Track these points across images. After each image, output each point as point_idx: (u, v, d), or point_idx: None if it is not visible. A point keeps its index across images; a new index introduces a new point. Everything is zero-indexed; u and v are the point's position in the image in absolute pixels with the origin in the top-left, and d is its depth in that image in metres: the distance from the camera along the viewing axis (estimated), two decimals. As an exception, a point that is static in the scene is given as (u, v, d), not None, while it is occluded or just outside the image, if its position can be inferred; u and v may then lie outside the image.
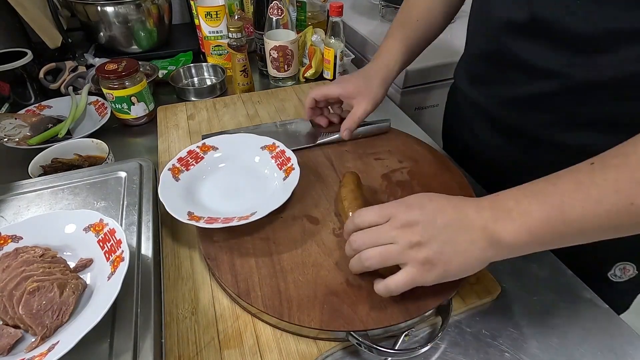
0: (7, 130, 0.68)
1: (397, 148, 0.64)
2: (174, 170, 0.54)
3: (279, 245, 0.48)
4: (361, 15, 1.23)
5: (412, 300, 0.41)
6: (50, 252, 0.42)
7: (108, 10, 0.87)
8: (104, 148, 0.62)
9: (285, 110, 0.78)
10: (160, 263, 0.48)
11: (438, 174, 0.58)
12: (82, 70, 0.85)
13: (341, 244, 0.48)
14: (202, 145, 0.58)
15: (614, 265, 0.57)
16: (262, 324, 0.43)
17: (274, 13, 0.81)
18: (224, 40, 0.88)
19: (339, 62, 0.88)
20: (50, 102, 0.76)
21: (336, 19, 0.82)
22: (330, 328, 0.40)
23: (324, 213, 0.52)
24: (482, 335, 0.43)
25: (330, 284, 0.43)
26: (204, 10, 0.84)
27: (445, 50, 1.01)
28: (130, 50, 0.95)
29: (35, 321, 0.36)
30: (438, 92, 1.03)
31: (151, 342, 0.37)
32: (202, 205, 0.52)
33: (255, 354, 0.40)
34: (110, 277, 0.39)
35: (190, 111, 0.77)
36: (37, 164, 0.60)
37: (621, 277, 0.58)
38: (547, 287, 0.48)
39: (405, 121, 0.79)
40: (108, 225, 0.43)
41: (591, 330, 0.44)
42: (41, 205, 0.50)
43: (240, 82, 0.85)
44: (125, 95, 0.72)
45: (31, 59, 0.79)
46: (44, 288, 0.37)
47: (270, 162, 0.58)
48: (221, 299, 0.45)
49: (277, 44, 0.83)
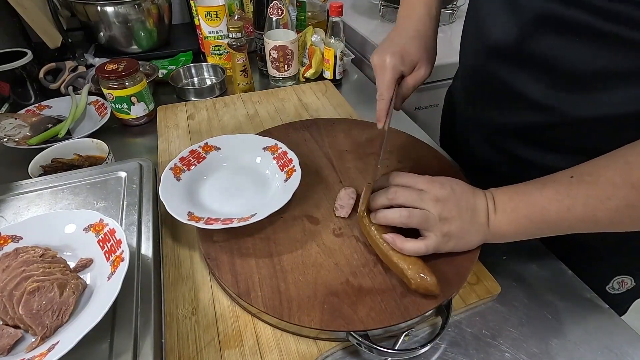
0: (7, 130, 0.67)
1: (397, 148, 0.64)
2: (175, 169, 0.54)
3: (279, 245, 0.48)
4: (361, 15, 1.23)
5: (412, 300, 0.41)
6: (50, 252, 0.41)
7: (108, 10, 0.87)
8: (104, 148, 0.62)
9: (285, 110, 0.78)
10: (160, 263, 0.48)
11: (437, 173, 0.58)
12: (82, 70, 0.85)
13: (341, 244, 0.48)
14: (204, 145, 0.58)
15: (612, 279, 0.58)
16: (262, 324, 0.43)
17: (274, 13, 0.81)
18: (224, 40, 0.88)
19: (339, 62, 0.88)
20: (50, 102, 0.76)
21: (336, 19, 0.82)
22: (331, 328, 0.39)
23: (325, 213, 0.52)
24: (482, 335, 0.43)
25: (331, 284, 0.43)
26: (204, 10, 0.84)
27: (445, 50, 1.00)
28: (130, 50, 0.95)
29: (35, 321, 0.36)
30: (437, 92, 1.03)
31: (151, 342, 0.37)
32: (203, 206, 0.52)
33: (255, 354, 0.40)
34: (110, 277, 0.39)
35: (190, 111, 0.77)
36: (37, 164, 0.60)
37: (619, 289, 0.59)
38: (547, 287, 0.48)
39: (404, 121, 0.79)
40: (108, 225, 0.43)
41: (591, 330, 0.44)
42: (41, 205, 0.50)
43: (240, 82, 0.85)
44: (125, 95, 0.72)
45: (31, 59, 0.79)
46: (44, 288, 0.37)
47: (272, 163, 0.58)
48: (221, 299, 0.45)
49: (277, 44, 0.83)
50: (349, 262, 0.46)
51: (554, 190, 0.39)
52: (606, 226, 0.37)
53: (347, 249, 0.47)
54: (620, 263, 0.57)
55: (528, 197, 0.40)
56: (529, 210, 0.40)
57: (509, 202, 0.42)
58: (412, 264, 0.41)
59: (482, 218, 0.42)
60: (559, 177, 0.39)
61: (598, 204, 0.36)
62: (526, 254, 0.52)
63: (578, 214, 0.37)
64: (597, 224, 0.37)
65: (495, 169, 0.59)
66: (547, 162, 0.50)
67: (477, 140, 0.62)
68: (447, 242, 0.43)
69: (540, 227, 0.40)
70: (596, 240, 0.44)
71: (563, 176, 0.39)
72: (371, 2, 1.30)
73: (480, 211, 0.42)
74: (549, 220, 0.39)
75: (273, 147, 0.59)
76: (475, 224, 0.42)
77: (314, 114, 0.77)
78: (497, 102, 0.53)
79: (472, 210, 0.42)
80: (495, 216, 0.42)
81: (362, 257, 0.46)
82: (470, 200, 0.43)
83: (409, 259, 0.42)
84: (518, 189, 0.42)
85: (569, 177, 0.38)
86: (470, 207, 0.42)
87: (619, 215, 0.36)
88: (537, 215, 0.39)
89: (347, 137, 0.66)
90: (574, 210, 0.37)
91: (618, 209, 0.35)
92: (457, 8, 1.15)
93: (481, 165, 0.62)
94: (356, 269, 0.45)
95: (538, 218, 0.39)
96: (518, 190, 0.42)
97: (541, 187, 0.40)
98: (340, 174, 0.59)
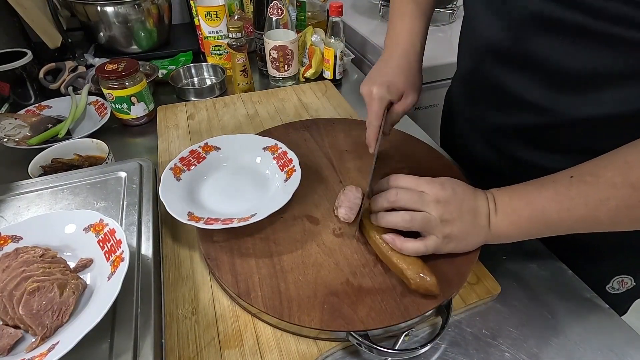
0: (7, 130, 0.67)
1: (397, 148, 0.64)
2: (175, 170, 0.54)
3: (279, 245, 0.48)
4: (361, 15, 1.23)
5: (412, 300, 0.41)
6: (50, 253, 0.41)
7: (108, 10, 0.87)
8: (104, 148, 0.62)
9: (285, 110, 0.78)
10: (160, 263, 0.48)
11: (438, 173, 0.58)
12: (82, 70, 0.85)
13: (341, 244, 0.48)
14: (204, 145, 0.58)
15: (612, 279, 0.58)
16: (262, 324, 0.43)
17: (274, 13, 0.81)
18: (223, 40, 0.88)
19: (338, 62, 0.88)
20: (50, 102, 0.76)
21: (336, 19, 0.82)
22: (331, 328, 0.40)
23: (325, 213, 0.52)
24: (482, 335, 0.43)
25: (331, 284, 0.43)
26: (204, 10, 0.84)
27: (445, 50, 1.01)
28: (130, 50, 0.95)
29: (35, 321, 0.36)
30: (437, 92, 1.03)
31: (151, 342, 0.37)
32: (203, 206, 0.52)
33: (256, 354, 0.40)
34: (110, 277, 0.39)
35: (190, 111, 0.77)
36: (37, 164, 0.60)
37: (619, 289, 0.59)
38: (547, 287, 0.48)
39: (404, 121, 0.79)
40: (108, 225, 0.43)
41: (591, 330, 0.44)
42: (41, 205, 0.50)
43: (240, 82, 0.85)
44: (125, 95, 0.72)
45: (31, 59, 0.79)
46: (44, 288, 0.37)
47: (272, 163, 0.58)
48: (221, 299, 0.45)
49: (277, 44, 0.83)
50: (349, 262, 0.46)
51: (554, 191, 0.39)
52: (606, 226, 0.37)
53: (347, 249, 0.47)
54: (620, 263, 0.57)
55: (528, 198, 0.40)
56: (530, 211, 0.40)
57: (509, 203, 0.42)
58: (411, 263, 0.41)
59: (483, 219, 0.42)
60: (559, 178, 0.39)
61: (598, 204, 0.36)
62: (526, 254, 0.52)
63: (578, 215, 0.37)
64: (597, 224, 0.37)
65: (495, 169, 0.59)
66: (547, 162, 0.50)
67: (477, 140, 0.62)
68: (448, 244, 0.43)
69: (540, 227, 0.40)
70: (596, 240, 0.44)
71: (563, 176, 0.39)
72: (371, 2, 1.30)
73: (481, 212, 0.42)
74: (550, 221, 0.39)
75: (273, 147, 0.59)
76: (477, 226, 0.42)
77: (314, 114, 0.77)
78: (494, 103, 0.53)
79: (474, 212, 0.42)
80: (496, 217, 0.42)
81: (362, 257, 0.46)
82: (471, 202, 0.43)
83: (408, 258, 0.42)
84: (518, 189, 0.42)
85: (569, 177, 0.38)
86: (471, 209, 0.42)
87: (619, 215, 0.36)
88: (538, 216, 0.39)
89: (347, 137, 0.66)
90: (574, 211, 0.37)
91: (618, 209, 0.35)
92: (457, 8, 1.15)
93: (481, 166, 0.62)
94: (356, 269, 0.45)
95: (538, 219, 0.39)
96: (518, 191, 0.42)
97: (541, 188, 0.40)
98: (340, 174, 0.59)
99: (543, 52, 0.43)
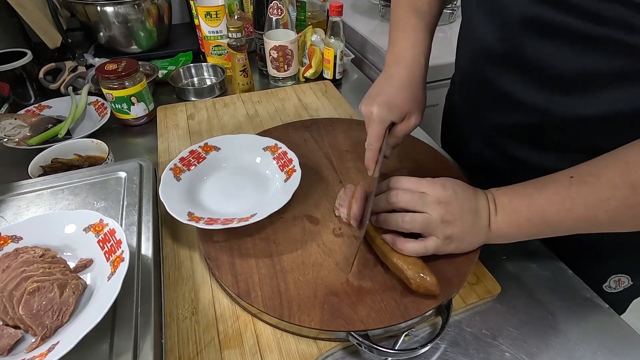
0: (7, 131, 0.67)
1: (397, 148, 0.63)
2: (175, 170, 0.54)
3: (280, 245, 0.48)
4: (361, 15, 1.23)
5: (412, 300, 0.41)
6: (50, 253, 0.41)
7: (108, 10, 0.87)
8: (104, 148, 0.62)
9: (285, 110, 0.78)
10: (160, 263, 0.48)
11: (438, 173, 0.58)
12: (81, 70, 0.85)
13: (341, 244, 0.48)
14: (204, 145, 0.58)
15: (609, 278, 0.58)
16: (262, 324, 0.43)
17: (274, 13, 0.81)
18: (223, 40, 0.88)
19: (338, 62, 0.88)
20: (50, 102, 0.76)
21: (336, 19, 0.82)
22: (331, 328, 0.40)
23: (325, 213, 0.52)
24: (482, 335, 0.43)
25: (331, 284, 0.43)
26: (204, 10, 0.84)
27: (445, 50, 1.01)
28: (130, 50, 0.95)
29: (36, 321, 0.36)
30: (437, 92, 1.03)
31: (151, 342, 0.37)
32: (203, 206, 0.52)
33: (256, 354, 0.40)
34: (110, 277, 0.39)
35: (190, 111, 0.77)
36: (37, 164, 0.60)
37: (616, 288, 0.59)
38: (547, 287, 0.48)
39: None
40: (108, 225, 0.43)
41: (591, 330, 0.44)
42: (41, 205, 0.50)
43: (240, 82, 0.85)
44: (125, 95, 0.72)
45: (31, 59, 0.79)
46: (44, 288, 0.37)
47: (272, 163, 0.58)
48: (221, 299, 0.45)
49: (277, 43, 0.83)
50: (349, 262, 0.46)
51: (553, 191, 0.39)
52: (607, 226, 0.37)
53: (347, 249, 0.47)
54: (617, 262, 0.57)
55: (528, 199, 0.40)
56: (530, 211, 0.40)
57: (509, 203, 0.42)
58: (412, 264, 0.41)
59: (484, 220, 0.42)
60: (558, 178, 0.39)
61: (598, 204, 0.36)
62: (526, 254, 0.52)
63: (578, 215, 0.37)
64: (597, 224, 0.37)
65: (495, 169, 0.59)
66: (546, 162, 0.50)
67: (477, 140, 0.62)
68: (449, 245, 0.43)
69: (540, 227, 0.40)
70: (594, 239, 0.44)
71: (563, 177, 0.39)
72: (371, 2, 1.30)
73: (482, 213, 0.42)
74: (550, 221, 0.39)
75: (273, 147, 0.58)
76: (477, 226, 0.42)
77: (314, 114, 0.77)
78: (492, 103, 0.53)
79: (474, 212, 0.42)
80: (496, 217, 0.42)
81: (362, 257, 0.46)
82: (472, 202, 0.43)
83: (409, 259, 0.42)
84: (518, 189, 0.42)
85: (569, 177, 0.38)
86: (472, 209, 0.42)
87: (619, 215, 0.36)
88: (538, 216, 0.39)
89: (347, 137, 0.66)
90: (574, 211, 0.37)
91: (618, 209, 0.35)
92: (457, 8, 1.15)
93: (481, 166, 0.62)
94: (356, 269, 0.45)
95: (538, 219, 0.39)
96: (518, 191, 0.42)
97: (541, 188, 0.40)
98: (340, 174, 0.59)
99: (538, 55, 0.43)
